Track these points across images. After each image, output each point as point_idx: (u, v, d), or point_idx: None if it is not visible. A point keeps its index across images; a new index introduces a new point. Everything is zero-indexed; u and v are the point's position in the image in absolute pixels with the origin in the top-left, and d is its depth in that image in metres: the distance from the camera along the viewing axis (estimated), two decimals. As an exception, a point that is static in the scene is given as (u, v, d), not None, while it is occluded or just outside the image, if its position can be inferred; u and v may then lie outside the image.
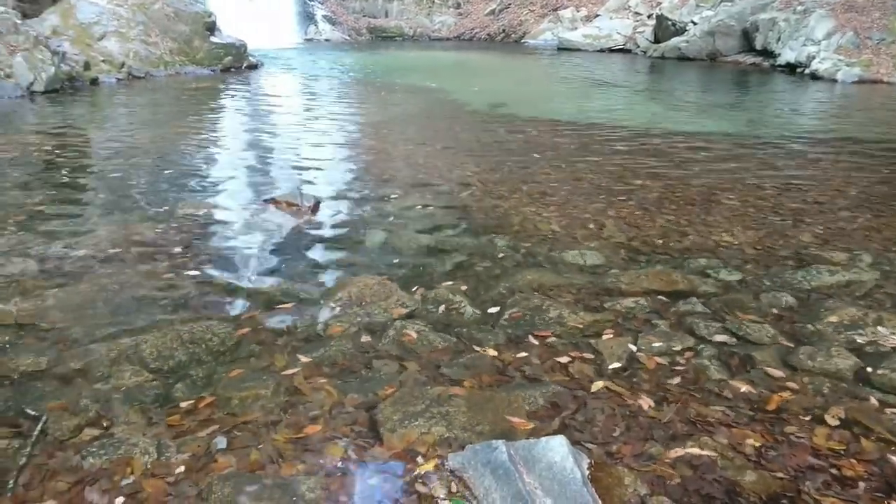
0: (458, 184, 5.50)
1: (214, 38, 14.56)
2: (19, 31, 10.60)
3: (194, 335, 2.83)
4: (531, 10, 27.00)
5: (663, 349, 2.83)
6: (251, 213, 4.66)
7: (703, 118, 9.46)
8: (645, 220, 4.56)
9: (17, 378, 2.48)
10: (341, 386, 2.51)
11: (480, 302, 3.29)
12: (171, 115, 9.34)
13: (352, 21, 26.94)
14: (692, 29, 18.61)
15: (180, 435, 2.20)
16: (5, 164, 5.92)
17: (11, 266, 3.51)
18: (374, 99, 11.60)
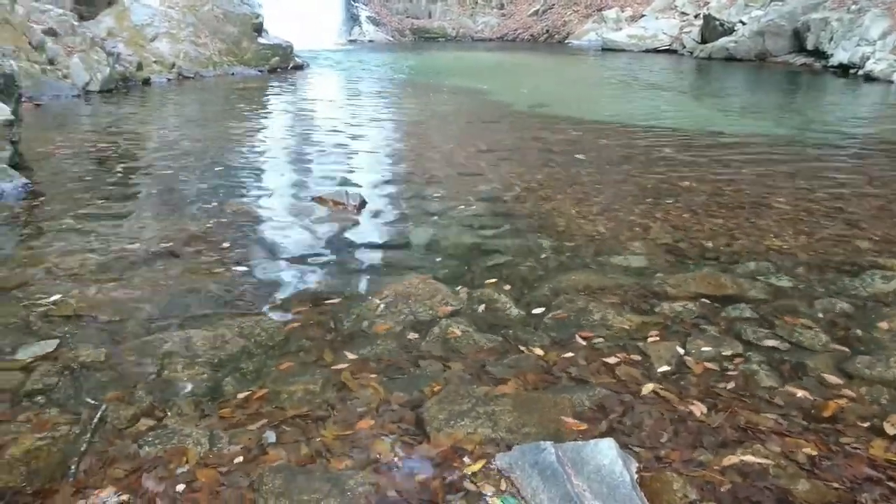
0: (501, 184, 5.50)
1: (262, 40, 14.81)
2: (76, 33, 10.94)
3: (243, 329, 2.89)
4: (575, 11, 26.82)
5: (712, 354, 2.78)
6: (298, 211, 4.74)
7: (753, 120, 9.27)
8: (692, 222, 4.49)
9: (78, 368, 2.57)
10: (387, 383, 2.53)
11: (525, 302, 3.28)
12: (219, 115, 9.54)
13: (395, 22, 27.14)
14: (741, 29, 18.25)
15: (231, 427, 2.25)
16: (64, 160, 6.13)
17: (71, 260, 3.63)
18: (417, 99, 11.66)
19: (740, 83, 14.21)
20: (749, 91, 13.16)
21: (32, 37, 10.17)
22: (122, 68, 11.55)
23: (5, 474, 1.97)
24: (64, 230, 4.17)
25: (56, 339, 2.76)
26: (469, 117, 9.62)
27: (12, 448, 2.07)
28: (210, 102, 10.91)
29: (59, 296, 3.17)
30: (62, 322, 2.93)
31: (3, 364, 2.58)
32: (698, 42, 20.01)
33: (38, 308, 3.03)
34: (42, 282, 3.34)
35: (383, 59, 18.82)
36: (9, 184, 4.90)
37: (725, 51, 18.12)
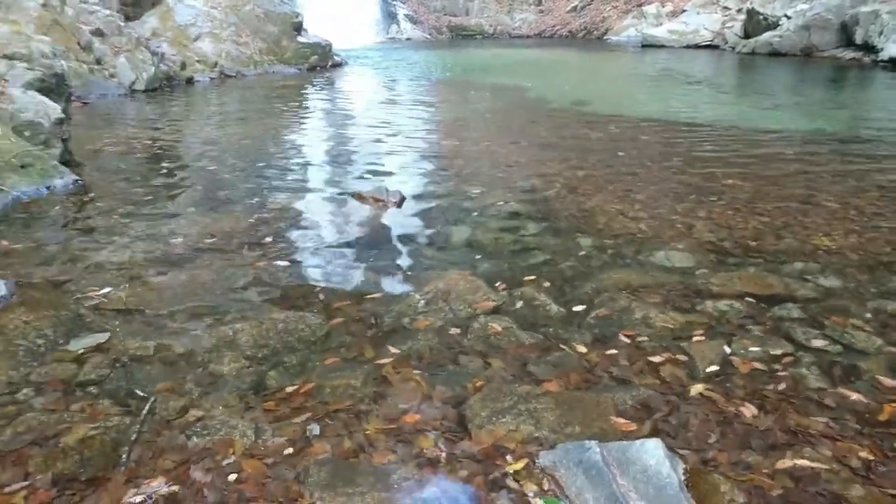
0: (540, 181, 5.47)
1: (301, 38, 14.98)
2: (122, 33, 11.21)
3: (287, 324, 2.93)
4: (614, 7, 26.53)
5: (759, 354, 2.72)
6: (338, 207, 4.78)
7: (798, 116, 9.04)
8: (736, 220, 4.40)
9: (128, 360, 2.63)
10: (429, 379, 2.54)
11: (566, 300, 3.26)
12: (260, 113, 9.67)
13: (433, 20, 27.18)
14: (785, 23, 17.81)
15: (276, 420, 2.28)
16: (112, 157, 6.28)
17: (120, 254, 3.73)
18: (455, 96, 11.66)
19: (785, 79, 13.87)
20: (794, 87, 12.85)
21: (81, 37, 10.44)
22: (167, 68, 11.79)
23: (60, 462, 2.03)
24: (112, 225, 4.27)
25: (107, 332, 2.83)
26: (507, 114, 9.59)
27: (67, 437, 2.13)
28: (251, 101, 11.07)
29: (110, 289, 3.25)
30: (113, 315, 3.00)
31: (58, 355, 2.66)
32: (741, 37, 19.59)
33: (89, 301, 3.12)
34: (93, 275, 3.43)
35: (421, 56, 18.86)
36: (60, 180, 5.04)
37: (769, 46, 17.70)
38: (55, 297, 3.14)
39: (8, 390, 2.42)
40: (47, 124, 5.53)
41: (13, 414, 2.27)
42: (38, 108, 5.55)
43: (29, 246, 3.87)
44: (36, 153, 5.10)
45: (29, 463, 2.03)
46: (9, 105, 5.40)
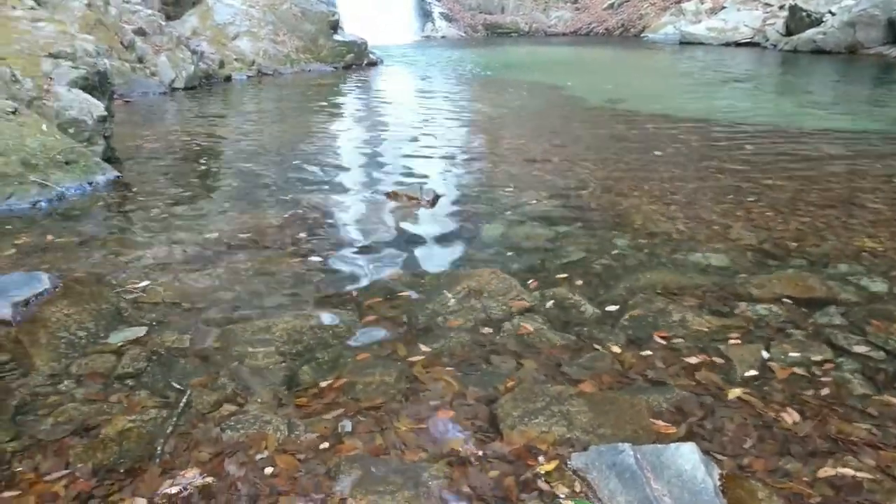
0: (575, 180, 5.42)
1: (337, 37, 15.09)
2: (163, 32, 11.42)
3: (321, 321, 2.95)
4: (652, 4, 26.18)
5: (799, 359, 2.66)
6: (372, 205, 4.80)
7: (842, 115, 8.81)
8: (777, 221, 4.31)
9: (165, 353, 2.68)
10: (461, 378, 2.53)
11: (600, 301, 3.22)
12: (296, 110, 9.77)
13: (468, 18, 27.14)
14: (830, 19, 17.37)
15: (308, 416, 2.30)
16: (152, 154, 6.41)
17: (159, 249, 3.80)
18: (490, 94, 11.63)
19: (829, 76, 13.53)
20: (839, 85, 12.52)
21: (124, 36, 10.67)
22: (206, 66, 11.99)
23: (100, 453, 2.07)
24: (152, 220, 4.36)
25: (145, 326, 2.88)
26: (543, 112, 9.52)
27: (106, 428, 2.18)
28: (287, 99, 11.19)
29: (148, 283, 3.32)
30: (151, 308, 3.06)
31: (98, 347, 2.72)
32: (783, 34, 19.16)
33: (128, 295, 3.18)
34: (132, 269, 3.50)
35: (456, 54, 18.85)
36: (102, 176, 5.16)
37: (812, 43, 17.28)
38: (96, 291, 3.21)
39: (50, 381, 2.48)
40: (91, 122, 5.66)
41: (55, 404, 2.33)
42: (82, 105, 5.68)
43: (72, 240, 3.97)
44: (79, 150, 5.22)
45: (70, 453, 2.08)
46: (54, 103, 5.54)
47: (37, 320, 2.86)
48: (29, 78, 5.55)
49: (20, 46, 5.75)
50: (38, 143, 4.92)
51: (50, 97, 5.56)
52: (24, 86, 5.46)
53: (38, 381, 2.48)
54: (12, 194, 4.56)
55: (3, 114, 4.93)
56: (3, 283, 2.99)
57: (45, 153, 4.90)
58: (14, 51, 5.68)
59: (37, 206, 4.57)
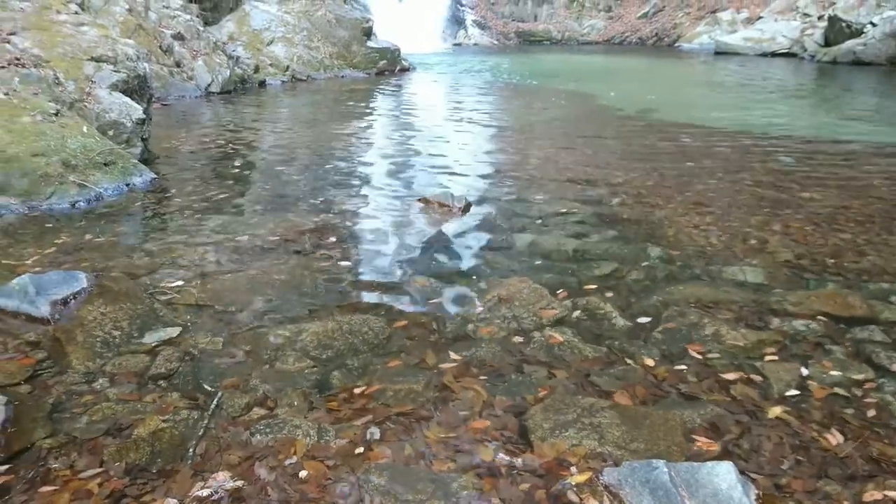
0: (607, 190, 5.37)
1: (370, 43, 15.20)
2: (201, 37, 11.61)
3: (352, 326, 2.95)
4: (686, 13, 25.96)
5: (838, 378, 2.59)
6: (404, 211, 4.81)
7: (883, 127, 8.62)
8: (815, 236, 4.21)
9: (197, 355, 2.70)
10: (490, 388, 2.51)
11: (632, 312, 3.18)
12: (329, 116, 9.85)
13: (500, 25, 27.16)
14: (871, 30, 17.04)
15: (338, 421, 2.30)
16: (187, 156, 6.51)
17: (193, 251, 3.84)
18: (522, 102, 11.60)
19: (869, 88, 13.26)
20: (879, 97, 12.25)
21: (163, 41, 10.87)
22: (241, 70, 12.16)
23: (133, 453, 2.09)
24: (186, 222, 4.42)
25: (179, 327, 2.92)
26: (575, 121, 9.47)
27: (139, 428, 2.20)
28: (320, 104, 11.29)
29: (182, 284, 3.36)
30: (184, 310, 3.09)
31: (133, 347, 2.75)
32: (821, 45, 18.85)
33: (163, 295, 3.22)
34: (167, 270, 3.55)
35: (488, 61, 18.87)
36: (139, 178, 5.25)
37: (852, 54, 16.96)
38: (131, 290, 3.26)
39: (85, 379, 2.52)
40: (129, 124, 5.76)
41: (90, 403, 2.37)
42: (122, 108, 5.79)
43: (109, 240, 4.04)
44: (118, 152, 5.32)
45: (103, 451, 2.11)
46: (95, 105, 5.66)
47: (74, 319, 2.91)
48: (72, 80, 5.68)
49: (63, 50, 5.89)
50: (79, 145, 5.02)
51: (91, 100, 5.68)
52: (66, 88, 5.58)
53: (73, 380, 2.52)
54: (53, 194, 4.66)
55: (46, 115, 5.05)
56: (42, 281, 3.05)
57: (85, 154, 5.00)
58: (58, 54, 5.82)
59: (76, 206, 4.66)
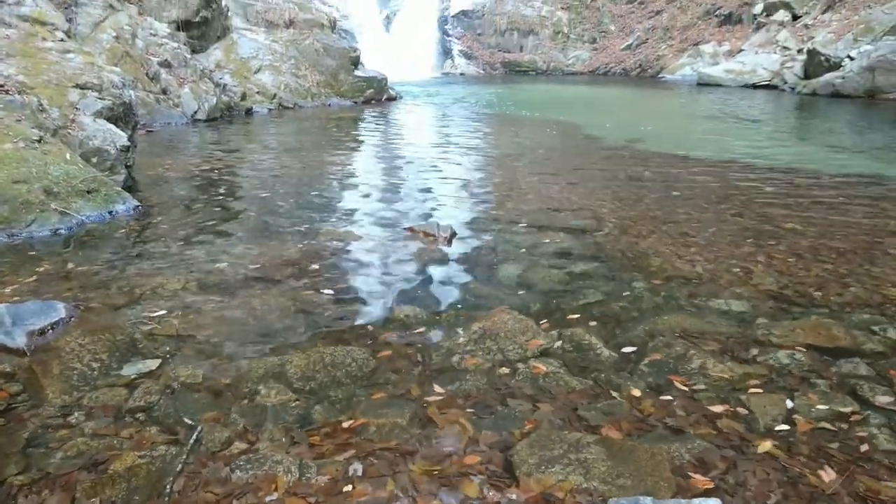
0: (592, 220, 5.39)
1: (358, 72, 15.31)
2: (188, 65, 11.64)
3: (335, 358, 2.92)
4: (669, 45, 26.43)
5: (824, 411, 2.58)
6: (389, 240, 4.79)
7: (863, 160, 8.75)
8: (798, 267, 4.24)
9: (177, 388, 2.65)
10: (476, 422, 2.48)
11: (617, 344, 3.17)
12: (315, 144, 9.86)
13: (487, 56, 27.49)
14: (849, 64, 17.41)
15: (320, 457, 2.25)
16: (172, 183, 6.47)
17: (175, 280, 3.80)
18: (508, 132, 11.69)
19: (848, 121, 13.49)
20: (859, 129, 12.47)
21: (149, 68, 10.88)
22: (228, 98, 12.18)
23: (108, 489, 2.04)
24: (169, 251, 4.37)
25: (159, 359, 2.86)
26: (560, 151, 9.55)
27: (115, 463, 2.15)
28: (307, 132, 11.31)
29: (164, 314, 3.31)
30: (165, 341, 3.04)
31: (110, 380, 2.70)
32: (801, 77, 19.22)
33: (143, 326, 3.17)
34: (148, 300, 3.50)
35: (474, 91, 19.05)
36: (122, 205, 5.21)
37: (831, 87, 17.30)
38: (111, 321, 3.21)
39: (61, 413, 2.46)
40: (113, 151, 5.73)
41: (65, 438, 2.31)
42: (106, 135, 5.76)
43: (90, 269, 3.98)
44: (101, 179, 5.28)
45: (77, 488, 2.05)
46: (79, 132, 5.63)
47: (51, 350, 2.86)
48: (56, 108, 5.65)
49: (48, 77, 5.87)
50: (62, 172, 4.98)
51: (75, 127, 5.65)
52: (50, 115, 5.55)
53: (49, 413, 2.46)
54: (34, 221, 4.61)
55: (28, 142, 5.01)
56: (19, 311, 3.00)
57: (67, 181, 4.96)
58: (43, 81, 5.80)
59: (57, 233, 4.61)
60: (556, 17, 27.95)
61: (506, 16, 27.63)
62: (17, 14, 6.58)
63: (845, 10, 21.23)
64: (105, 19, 10.82)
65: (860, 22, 19.07)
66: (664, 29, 26.71)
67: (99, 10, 10.85)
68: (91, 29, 10.52)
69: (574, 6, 28.31)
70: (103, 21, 10.77)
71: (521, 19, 27.69)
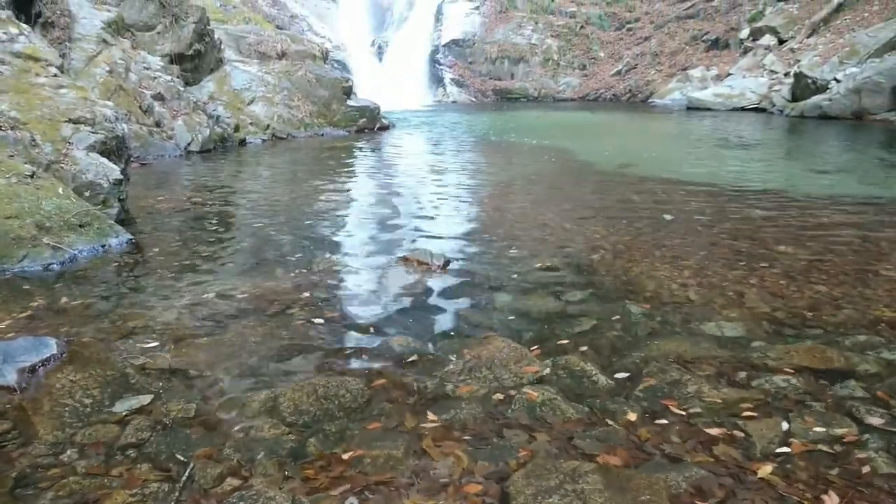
0: (586, 245, 5.41)
1: (350, 102, 15.43)
2: (181, 98, 11.71)
3: (329, 389, 2.89)
4: (658, 70, 26.76)
5: (821, 435, 2.57)
6: (383, 269, 4.79)
7: (851, 181, 8.83)
8: (791, 290, 4.25)
9: (169, 423, 2.62)
10: (471, 452, 2.46)
11: (613, 370, 3.16)
12: (308, 174, 9.90)
13: (478, 83, 27.77)
14: (835, 86, 17.65)
15: (314, 491, 2.23)
16: (164, 216, 6.47)
17: (168, 314, 3.78)
18: (500, 159, 11.77)
19: (836, 142, 13.64)
20: (846, 150, 12.61)
21: (143, 101, 10.95)
22: (221, 129, 12.24)
23: (98, 530, 2.01)
24: (162, 283, 4.36)
25: (151, 394, 2.84)
26: (552, 177, 9.61)
27: (107, 503, 2.11)
28: (300, 162, 11.36)
29: (156, 349, 3.29)
30: (157, 376, 3.02)
31: (102, 416, 2.67)
32: (788, 100, 19.47)
33: (135, 361, 3.15)
34: (141, 334, 3.48)
35: (466, 118, 19.19)
36: (115, 239, 5.20)
37: (818, 109, 17.52)
38: (103, 356, 3.18)
39: (52, 451, 2.43)
40: (106, 185, 5.74)
41: (56, 476, 2.27)
42: (99, 169, 5.78)
43: (82, 303, 3.97)
44: (94, 213, 5.28)
45: (67, 529, 2.01)
46: (71, 166, 5.64)
47: (42, 387, 2.83)
48: (49, 142, 5.67)
49: (42, 112, 5.90)
50: (54, 206, 4.98)
51: (68, 161, 5.66)
52: (43, 150, 5.57)
53: (39, 451, 2.43)
54: (25, 256, 4.59)
55: (21, 177, 5.02)
56: (10, 348, 2.97)
57: (59, 216, 4.95)
58: (36, 116, 5.83)
59: (49, 268, 4.59)
60: (545, 44, 28.31)
61: (496, 44, 27.97)
62: (11, 51, 6.63)
63: (830, 34, 21.59)
64: (98, 54, 10.91)
65: (845, 45, 19.38)
66: (653, 54, 27.08)
67: (92, 45, 10.95)
68: (85, 63, 10.60)
69: (563, 34, 28.68)
70: (97, 55, 10.85)
71: (511, 47, 28.02)
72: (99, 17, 11.55)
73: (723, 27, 26.03)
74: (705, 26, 26.67)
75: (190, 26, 13.00)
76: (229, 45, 14.83)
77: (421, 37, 27.48)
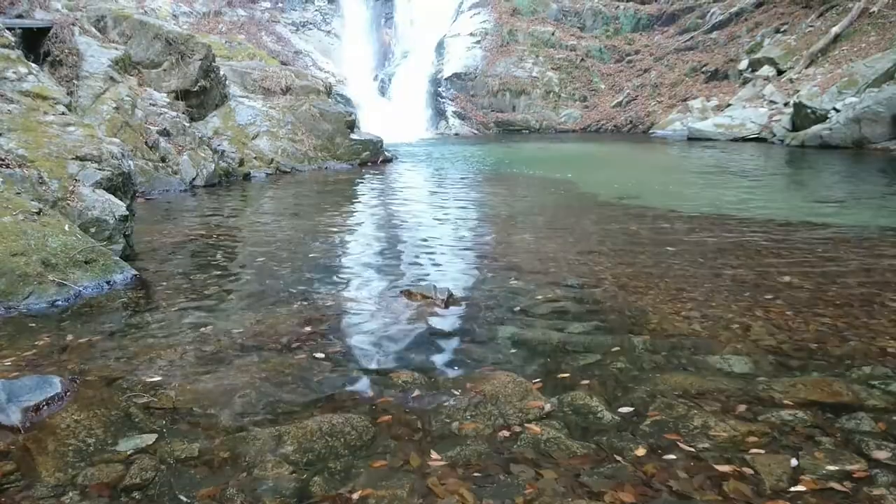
0: (589, 278, 5.41)
1: (354, 135, 15.56)
2: (187, 133, 11.85)
3: (333, 427, 2.88)
4: (658, 101, 26.97)
5: (830, 471, 2.55)
6: (386, 304, 4.79)
7: (854, 210, 8.85)
8: (797, 322, 4.24)
9: (173, 463, 2.61)
10: (477, 491, 2.44)
11: (619, 406, 3.14)
12: (312, 208, 9.96)
13: (480, 116, 28.00)
14: (835, 116, 17.76)
15: (319, 532, 2.21)
16: (169, 252, 6.50)
17: (172, 351, 3.78)
18: (503, 191, 11.83)
19: (837, 171, 13.69)
20: (848, 179, 12.65)
21: (149, 137, 11.07)
22: (226, 164, 12.35)
23: (100, 574, 1.99)
24: (166, 320, 4.36)
25: (155, 433, 2.83)
26: (555, 209, 9.65)
27: (108, 546, 2.10)
28: (304, 196, 11.44)
29: (160, 386, 3.28)
30: (161, 414, 3.01)
31: (106, 456, 2.65)
32: (789, 130, 19.57)
33: (139, 399, 3.14)
34: (145, 372, 3.47)
35: (469, 151, 19.33)
36: (119, 275, 5.22)
37: (819, 138, 17.61)
38: (108, 395, 3.18)
39: (54, 493, 2.41)
40: (112, 221, 5.78)
41: (58, 519, 2.26)
42: (105, 205, 5.83)
43: (87, 340, 3.97)
44: (99, 249, 5.31)
45: (69, 573, 1.99)
46: (77, 203, 5.69)
47: (46, 427, 2.82)
48: (56, 179, 5.73)
49: (49, 150, 5.97)
50: (60, 243, 5.01)
51: (74, 198, 5.72)
52: (50, 187, 5.63)
53: (42, 493, 2.41)
54: (31, 293, 4.61)
55: (27, 214, 5.06)
56: (14, 387, 2.97)
57: (65, 252, 4.98)
58: (43, 154, 5.90)
59: (55, 305, 4.61)
60: (546, 77, 28.61)
61: (498, 77, 28.27)
62: (20, 90, 6.74)
63: (828, 64, 21.79)
64: (105, 91, 11.07)
65: (843, 75, 19.55)
66: (653, 86, 27.32)
67: (100, 83, 11.11)
68: (92, 101, 10.75)
69: (564, 66, 29.00)
70: (104, 93, 11.01)
71: (512, 80, 28.33)
72: (106, 55, 11.75)
73: (722, 58, 26.30)
74: (704, 58, 26.95)
75: (196, 63, 13.20)
76: (234, 80, 15.04)
77: (423, 71, 27.82)
